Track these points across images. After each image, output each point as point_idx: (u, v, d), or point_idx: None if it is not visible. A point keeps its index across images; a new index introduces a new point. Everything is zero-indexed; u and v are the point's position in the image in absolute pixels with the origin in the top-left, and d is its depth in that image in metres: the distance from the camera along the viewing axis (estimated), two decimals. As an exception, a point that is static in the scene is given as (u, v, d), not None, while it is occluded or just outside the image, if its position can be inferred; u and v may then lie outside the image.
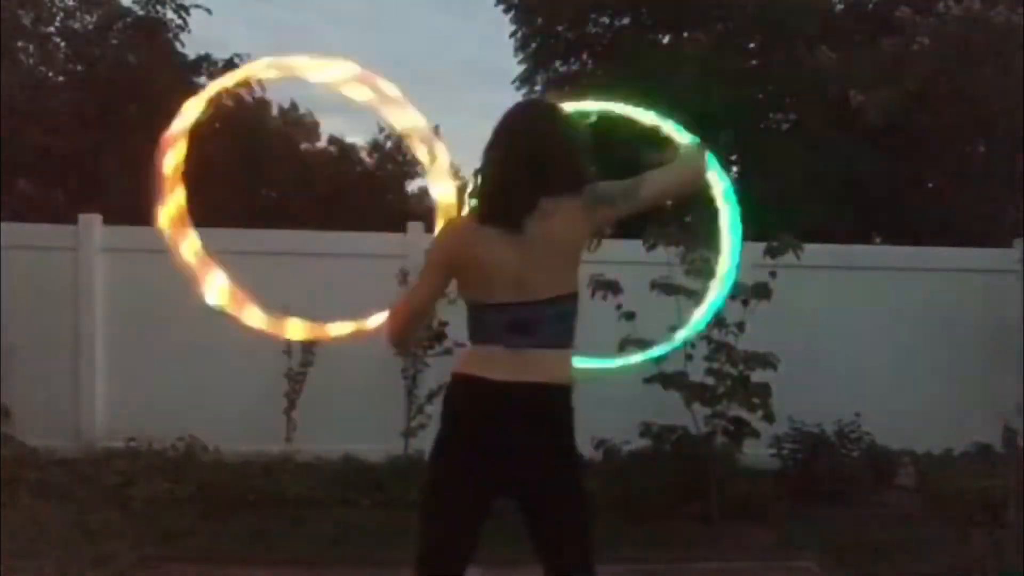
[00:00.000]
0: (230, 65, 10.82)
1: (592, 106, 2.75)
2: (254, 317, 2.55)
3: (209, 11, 10.35)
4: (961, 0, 8.05)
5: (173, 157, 2.34)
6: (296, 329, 2.60)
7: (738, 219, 2.80)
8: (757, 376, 5.38)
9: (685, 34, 12.28)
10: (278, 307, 2.66)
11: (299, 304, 5.89)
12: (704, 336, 5.46)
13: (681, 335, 3.27)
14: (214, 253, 2.49)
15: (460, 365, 2.24)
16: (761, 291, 5.40)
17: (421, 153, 2.48)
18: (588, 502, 2.26)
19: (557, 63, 13.54)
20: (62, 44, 10.22)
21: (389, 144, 22.41)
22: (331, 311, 2.73)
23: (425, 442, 6.13)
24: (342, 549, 4.64)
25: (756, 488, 5.47)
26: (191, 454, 5.86)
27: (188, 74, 10.66)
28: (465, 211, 2.34)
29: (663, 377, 5.34)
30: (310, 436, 6.06)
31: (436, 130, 2.36)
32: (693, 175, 2.37)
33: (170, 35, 10.42)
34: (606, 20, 13.32)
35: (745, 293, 5.43)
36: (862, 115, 8.66)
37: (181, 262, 2.44)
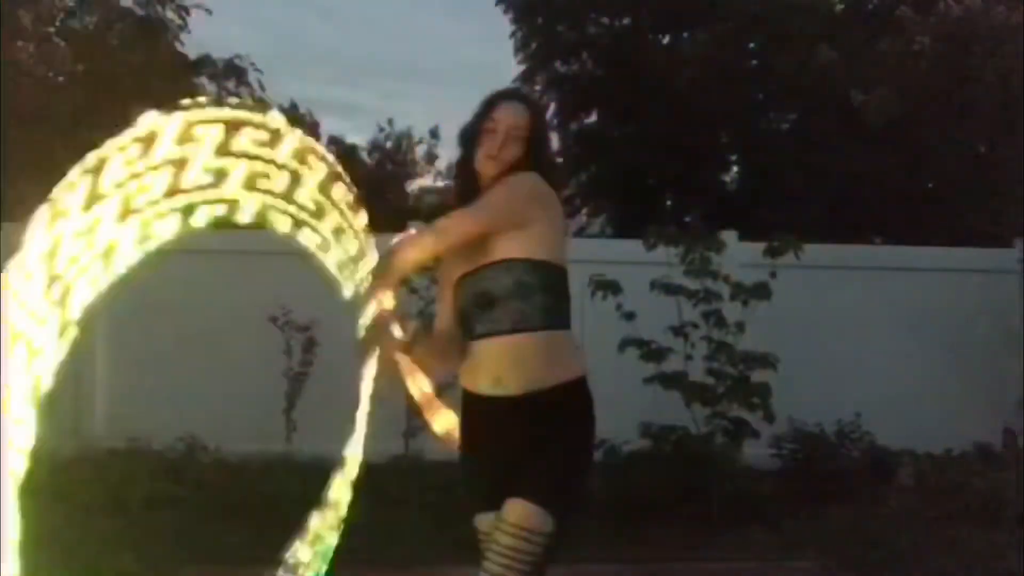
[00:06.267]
0: (230, 65, 10.81)
1: None
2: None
3: (209, 11, 10.33)
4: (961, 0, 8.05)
5: None
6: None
7: None
8: (757, 376, 5.38)
9: (685, 34, 12.28)
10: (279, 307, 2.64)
11: (300, 304, 5.95)
12: (704, 336, 5.47)
13: None
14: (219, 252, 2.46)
15: (582, 360, 2.19)
16: (761, 291, 5.40)
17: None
18: None
19: (557, 63, 13.53)
20: (62, 44, 10.21)
21: (389, 144, 22.43)
22: (331, 311, 2.73)
23: (425, 442, 6.13)
24: (342, 549, 4.64)
25: (756, 488, 5.47)
26: (191, 454, 5.85)
27: (188, 74, 10.64)
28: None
29: (663, 377, 5.34)
30: (310, 436, 6.05)
31: (436, 130, 2.31)
32: None
33: (170, 35, 10.39)
34: (606, 20, 13.31)
35: (745, 293, 5.43)
36: (862, 115, 8.67)
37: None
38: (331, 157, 2.07)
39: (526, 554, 1.99)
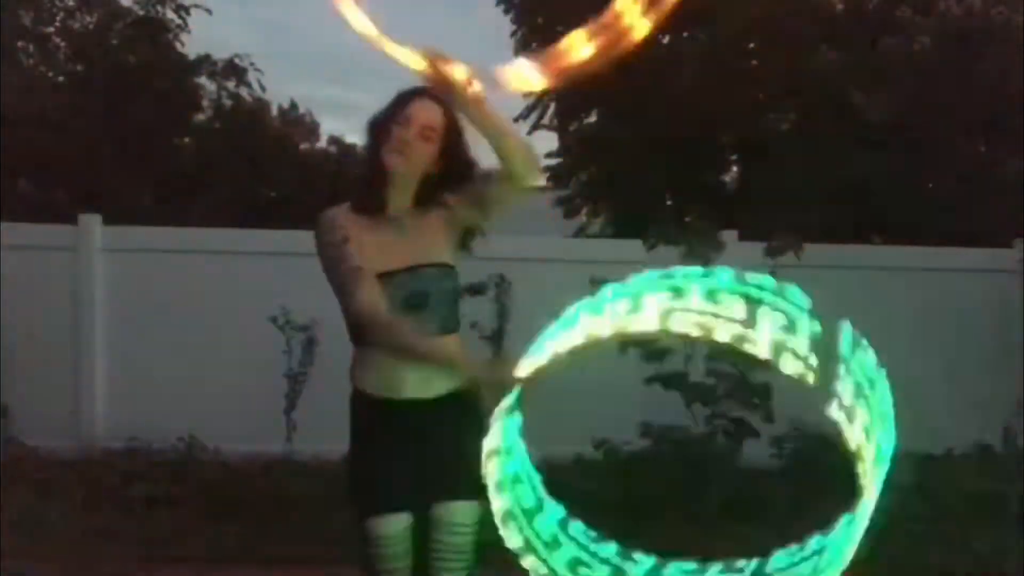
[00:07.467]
0: (230, 65, 10.82)
1: None
2: None
3: (209, 11, 10.33)
4: (962, 0, 8.06)
5: None
6: None
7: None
8: (757, 376, 5.37)
9: (685, 34, 12.25)
10: (279, 307, 2.64)
11: (299, 304, 5.94)
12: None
13: None
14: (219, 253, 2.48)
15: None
16: (761, 291, 5.40)
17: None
18: None
19: (557, 63, 13.53)
20: (62, 44, 10.22)
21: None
22: (330, 310, 2.72)
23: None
24: (342, 549, 4.63)
25: (756, 488, 5.46)
26: (191, 454, 5.86)
27: (188, 74, 10.64)
28: None
29: (663, 377, 5.34)
30: (310, 436, 6.05)
31: None
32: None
33: (170, 35, 10.39)
34: (606, 20, 13.31)
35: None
36: (862, 115, 8.66)
37: None
38: None
39: (472, 542, 2.23)
